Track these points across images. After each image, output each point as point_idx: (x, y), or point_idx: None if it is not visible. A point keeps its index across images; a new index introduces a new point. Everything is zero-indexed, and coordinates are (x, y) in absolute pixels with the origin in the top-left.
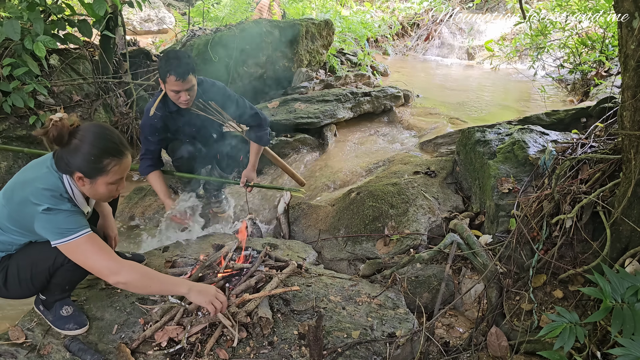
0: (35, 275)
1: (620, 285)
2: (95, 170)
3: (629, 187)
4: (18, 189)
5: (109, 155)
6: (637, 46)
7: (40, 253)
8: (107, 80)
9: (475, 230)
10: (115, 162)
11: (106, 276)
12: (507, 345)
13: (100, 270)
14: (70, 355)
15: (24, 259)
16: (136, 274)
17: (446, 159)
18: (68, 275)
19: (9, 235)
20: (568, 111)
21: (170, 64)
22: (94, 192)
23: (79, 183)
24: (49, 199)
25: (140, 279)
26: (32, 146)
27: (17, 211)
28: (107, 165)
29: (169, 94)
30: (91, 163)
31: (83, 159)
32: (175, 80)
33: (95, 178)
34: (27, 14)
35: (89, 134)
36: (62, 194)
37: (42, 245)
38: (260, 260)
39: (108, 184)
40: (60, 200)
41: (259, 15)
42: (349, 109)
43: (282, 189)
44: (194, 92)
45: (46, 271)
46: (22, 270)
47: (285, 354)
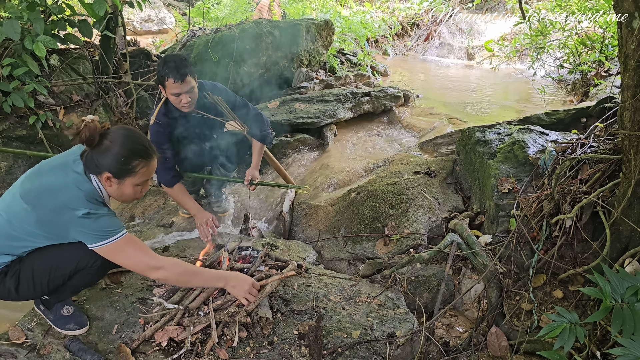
0: (53, 279)
1: (620, 285)
2: (124, 171)
3: (629, 187)
4: (46, 195)
5: (138, 157)
6: (637, 46)
7: (61, 257)
8: (107, 80)
9: (475, 230)
10: (143, 164)
11: (147, 272)
12: (507, 345)
13: (143, 268)
14: (70, 355)
15: (41, 262)
16: (177, 269)
17: (446, 159)
18: (87, 279)
19: (31, 239)
20: (568, 111)
21: (167, 67)
22: (120, 192)
23: (106, 183)
24: (88, 204)
25: (181, 275)
26: (32, 146)
27: (51, 218)
28: (135, 167)
29: (170, 99)
30: (121, 164)
31: (113, 160)
32: (174, 82)
33: (124, 179)
34: (27, 14)
35: (119, 136)
36: (97, 197)
37: (62, 248)
38: (260, 260)
39: (135, 185)
40: (97, 204)
41: (259, 15)
42: (349, 109)
43: (286, 186)
44: (194, 94)
45: (66, 274)
46: (39, 274)
47: (285, 354)
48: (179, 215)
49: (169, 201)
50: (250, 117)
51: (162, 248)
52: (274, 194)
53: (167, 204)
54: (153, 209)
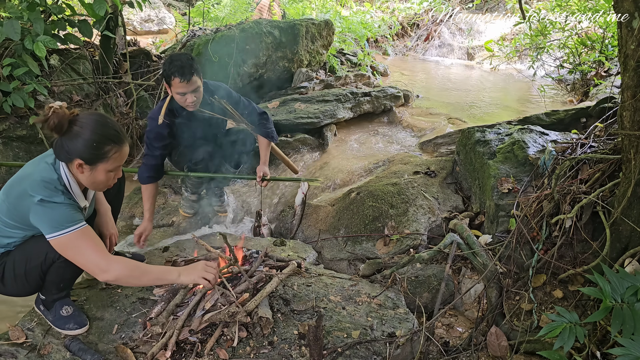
0: (28, 272)
1: (620, 285)
2: (96, 157)
3: (629, 187)
4: (16, 183)
5: (111, 142)
6: (637, 46)
7: (34, 249)
8: (107, 81)
9: (475, 230)
10: (116, 148)
11: (95, 274)
12: (507, 345)
13: (89, 267)
14: (70, 355)
15: (20, 254)
16: (125, 269)
17: (446, 159)
18: (60, 272)
19: (9, 230)
20: (568, 111)
21: (173, 66)
22: (92, 179)
23: (78, 170)
24: (43, 190)
25: (130, 274)
26: (32, 146)
27: (15, 204)
28: (108, 152)
29: (175, 97)
30: (93, 149)
31: (84, 145)
32: (180, 82)
33: (96, 165)
34: (27, 14)
35: (89, 121)
36: (56, 185)
37: (37, 240)
38: (260, 260)
39: (107, 171)
40: (54, 192)
41: (259, 15)
42: (349, 109)
43: (298, 179)
44: (199, 93)
45: (38, 267)
46: (18, 266)
47: (285, 354)
48: (179, 215)
49: (169, 201)
50: (255, 115)
51: (161, 248)
52: (273, 194)
53: (167, 204)
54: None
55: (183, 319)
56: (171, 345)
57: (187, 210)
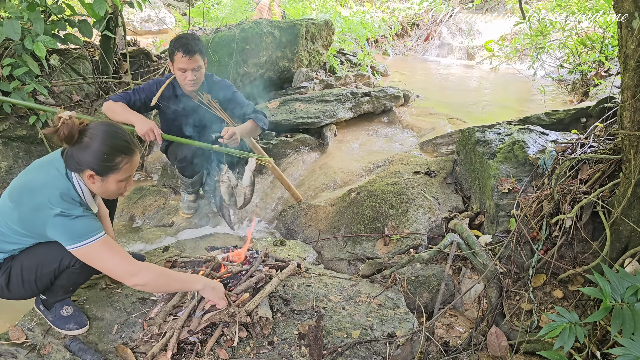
0: (39, 277)
1: (620, 285)
2: (107, 168)
3: (629, 187)
4: (27, 193)
5: (121, 153)
6: (637, 46)
7: (46, 255)
8: (107, 81)
9: (475, 230)
10: (126, 159)
11: (124, 279)
12: (507, 345)
13: (118, 273)
14: (70, 355)
15: (29, 260)
16: (153, 274)
17: (446, 159)
18: (73, 278)
19: (17, 237)
20: (568, 111)
21: (179, 42)
22: (104, 189)
23: (89, 181)
24: (62, 203)
25: (158, 279)
26: (32, 146)
27: (30, 216)
28: (119, 163)
29: (176, 74)
30: (103, 161)
31: (95, 157)
32: (182, 56)
33: (107, 176)
34: (27, 14)
35: (99, 132)
36: (73, 197)
37: (48, 246)
38: (260, 260)
39: (118, 182)
40: (72, 204)
41: (259, 15)
42: (349, 109)
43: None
44: (200, 74)
45: (51, 273)
46: (27, 272)
47: (285, 354)
48: (179, 215)
49: (169, 201)
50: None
51: (162, 248)
52: (273, 193)
53: (167, 204)
54: (153, 209)
55: (183, 319)
56: (172, 345)
57: (185, 211)
